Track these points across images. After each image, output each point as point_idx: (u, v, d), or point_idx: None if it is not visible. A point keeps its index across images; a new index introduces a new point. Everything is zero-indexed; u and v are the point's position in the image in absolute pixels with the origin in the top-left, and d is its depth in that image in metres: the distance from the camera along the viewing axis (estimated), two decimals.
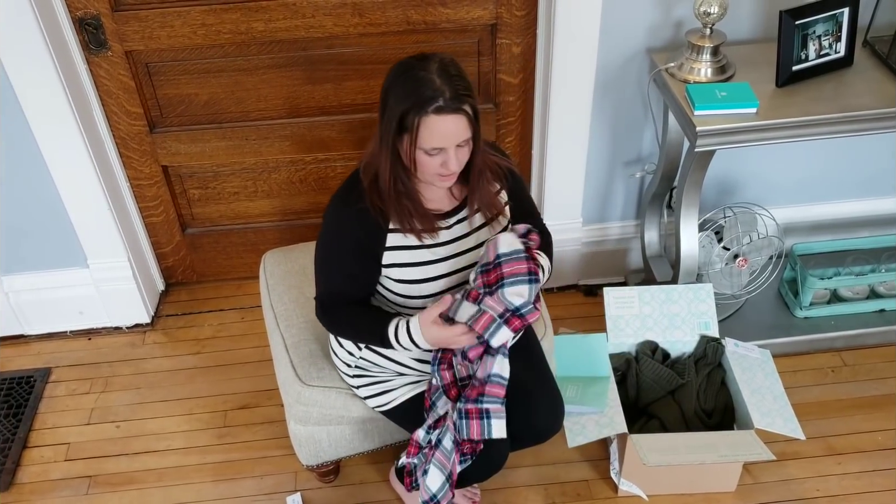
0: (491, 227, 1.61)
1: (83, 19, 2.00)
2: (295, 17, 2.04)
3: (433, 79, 1.38)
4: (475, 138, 1.47)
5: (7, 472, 2.07)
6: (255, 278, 2.21)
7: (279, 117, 2.24)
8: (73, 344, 2.43)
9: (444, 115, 1.38)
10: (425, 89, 1.38)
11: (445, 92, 1.38)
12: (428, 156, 1.43)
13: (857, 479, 2.00)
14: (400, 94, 1.40)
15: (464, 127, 1.41)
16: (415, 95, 1.38)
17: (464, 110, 1.40)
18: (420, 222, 1.53)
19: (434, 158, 1.44)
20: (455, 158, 1.43)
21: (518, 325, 1.47)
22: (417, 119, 1.39)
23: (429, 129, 1.39)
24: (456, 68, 1.42)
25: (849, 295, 2.34)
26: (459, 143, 1.43)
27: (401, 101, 1.40)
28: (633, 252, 2.51)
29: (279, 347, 1.87)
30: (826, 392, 2.21)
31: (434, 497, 1.61)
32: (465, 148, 1.46)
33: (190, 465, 2.09)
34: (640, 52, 2.09)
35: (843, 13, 1.91)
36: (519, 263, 1.48)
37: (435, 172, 1.46)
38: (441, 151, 1.43)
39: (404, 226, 1.53)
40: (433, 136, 1.40)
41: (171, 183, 2.36)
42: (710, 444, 1.84)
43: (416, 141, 1.41)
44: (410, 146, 1.43)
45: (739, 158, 2.31)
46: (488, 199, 1.58)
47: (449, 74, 1.40)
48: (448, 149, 1.42)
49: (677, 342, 2.03)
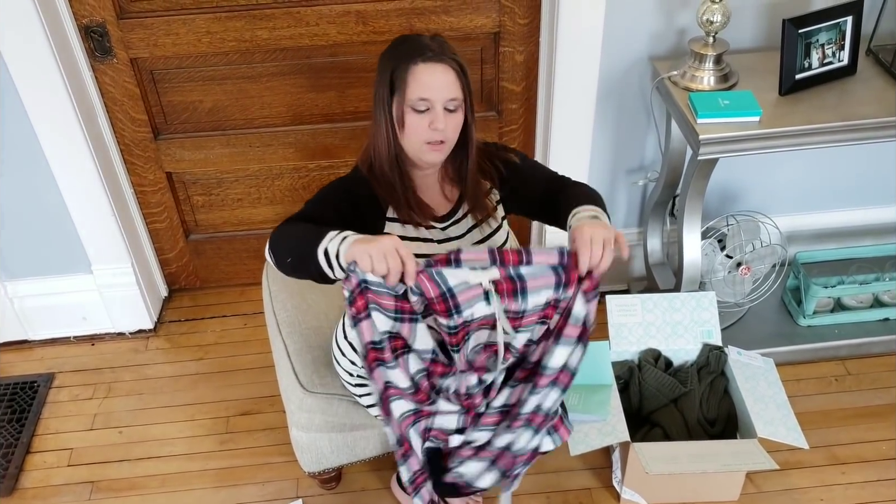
0: (480, 229, 1.61)
1: (89, 27, 2.02)
2: (299, 25, 2.05)
3: (422, 39, 1.44)
4: (468, 115, 1.47)
5: (10, 476, 2.07)
6: (258, 285, 2.22)
7: (283, 124, 2.25)
8: (76, 349, 2.44)
9: (431, 63, 1.41)
10: (414, 45, 1.43)
11: (434, 46, 1.43)
12: (416, 114, 1.43)
13: (861, 488, 1.99)
14: (390, 56, 1.45)
15: (451, 80, 1.42)
16: (403, 51, 1.43)
17: (452, 62, 1.42)
18: (415, 207, 1.53)
19: (422, 118, 1.43)
20: (442, 117, 1.43)
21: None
22: (406, 71, 1.42)
23: (416, 79, 1.41)
24: (445, 40, 1.47)
25: (852, 304, 2.33)
26: (447, 101, 1.43)
27: (391, 61, 1.44)
28: (636, 260, 2.50)
29: (281, 354, 1.88)
30: (829, 401, 2.20)
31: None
32: (456, 115, 1.45)
33: (192, 471, 2.09)
34: (642, 60, 2.09)
35: (847, 22, 1.91)
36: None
37: (424, 137, 1.45)
38: (428, 111, 1.43)
39: (401, 213, 1.53)
40: (420, 86, 1.41)
41: (174, 189, 2.36)
42: (713, 452, 1.83)
43: (406, 95, 1.43)
44: (400, 105, 1.44)
45: (742, 167, 2.31)
46: (480, 197, 1.57)
47: (440, 40, 1.45)
48: (435, 104, 1.42)
49: (680, 350, 2.03)
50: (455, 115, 1.45)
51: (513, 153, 1.62)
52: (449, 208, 1.59)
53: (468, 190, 1.56)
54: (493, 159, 1.60)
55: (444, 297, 1.34)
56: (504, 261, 1.33)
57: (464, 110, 1.47)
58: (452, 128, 1.46)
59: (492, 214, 1.60)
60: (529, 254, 1.34)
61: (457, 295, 1.34)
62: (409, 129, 1.46)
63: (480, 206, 1.58)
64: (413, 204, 1.53)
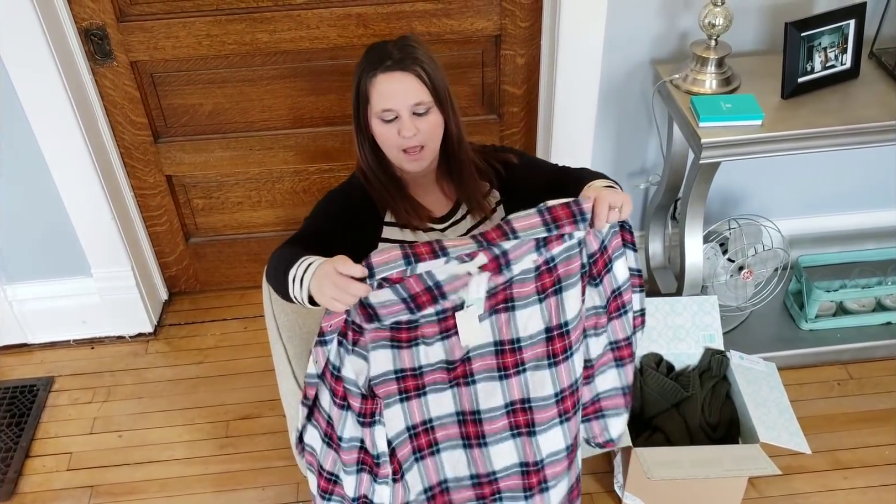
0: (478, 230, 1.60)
1: (89, 30, 2.01)
2: (299, 28, 2.05)
3: (386, 47, 1.43)
4: (444, 115, 1.46)
5: (9, 481, 2.07)
6: (258, 288, 2.21)
7: (283, 128, 2.25)
8: (75, 353, 2.43)
9: (390, 72, 1.40)
10: (376, 55, 1.42)
11: (394, 54, 1.41)
12: (383, 124, 1.43)
13: (864, 493, 1.98)
14: (359, 67, 1.45)
15: (413, 87, 1.40)
16: (367, 63, 1.42)
17: (413, 69, 1.40)
18: (411, 210, 1.52)
19: (390, 127, 1.43)
20: (410, 123, 1.41)
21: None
22: (369, 83, 1.41)
23: (377, 90, 1.41)
24: (415, 41, 1.45)
25: (855, 307, 2.32)
26: (413, 106, 1.41)
27: (358, 73, 1.44)
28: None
29: (281, 358, 1.87)
30: (832, 405, 2.19)
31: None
32: (427, 118, 1.43)
33: (192, 476, 2.08)
34: (644, 63, 2.09)
35: (849, 25, 1.90)
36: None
37: (396, 145, 1.44)
38: (396, 120, 1.42)
39: (398, 217, 1.53)
40: (381, 97, 1.41)
41: (174, 192, 2.36)
42: (715, 457, 1.82)
43: (371, 107, 1.42)
44: (368, 116, 1.44)
45: (744, 170, 2.30)
46: (478, 198, 1.56)
47: (403, 43, 1.43)
48: (401, 112, 1.41)
49: (682, 354, 2.02)
50: (426, 117, 1.44)
51: (511, 153, 1.62)
52: (449, 207, 1.59)
53: (464, 188, 1.55)
54: (492, 161, 1.59)
55: (430, 289, 1.29)
56: (489, 240, 1.27)
57: (439, 110, 1.45)
58: (427, 130, 1.44)
59: (489, 216, 1.59)
60: (510, 223, 1.28)
61: (443, 286, 1.29)
62: (380, 138, 1.46)
63: (479, 206, 1.57)
64: (409, 207, 1.53)
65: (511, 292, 1.34)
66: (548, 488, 1.49)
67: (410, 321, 1.31)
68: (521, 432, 1.44)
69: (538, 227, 1.28)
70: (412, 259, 1.23)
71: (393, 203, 1.52)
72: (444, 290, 1.29)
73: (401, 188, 1.54)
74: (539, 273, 1.33)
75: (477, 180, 1.57)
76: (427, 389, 1.38)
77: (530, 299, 1.35)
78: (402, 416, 1.40)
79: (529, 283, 1.34)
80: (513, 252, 1.29)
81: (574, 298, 1.37)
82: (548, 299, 1.36)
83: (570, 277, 1.35)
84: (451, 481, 1.48)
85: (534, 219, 1.28)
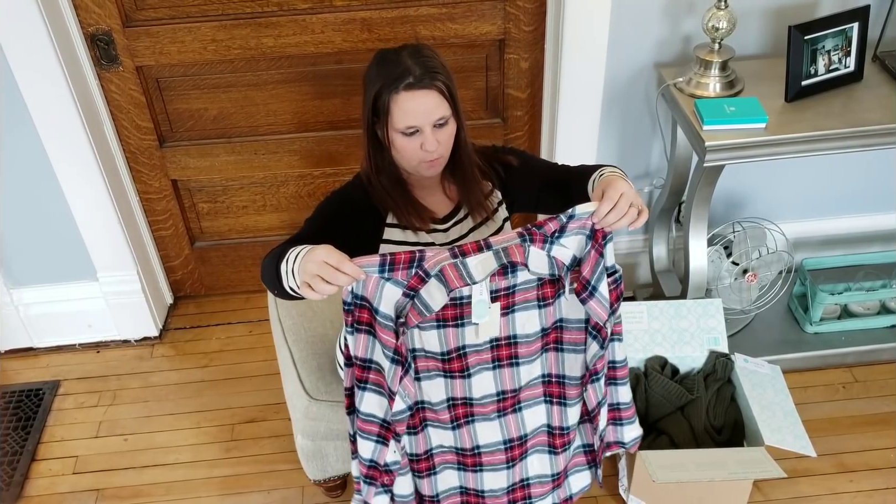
0: (480, 231, 1.60)
1: (95, 35, 2.02)
2: (304, 32, 2.06)
3: (403, 59, 1.40)
4: (458, 122, 1.46)
5: (16, 484, 2.07)
6: (263, 292, 2.22)
7: (288, 132, 2.25)
8: (81, 357, 2.44)
9: (414, 91, 1.38)
10: (395, 68, 1.40)
11: (415, 69, 1.39)
12: (405, 137, 1.42)
13: (870, 496, 1.98)
14: (372, 77, 1.43)
15: (436, 103, 1.40)
16: (385, 76, 1.40)
17: (435, 86, 1.39)
18: (413, 212, 1.52)
19: (412, 140, 1.43)
20: (432, 138, 1.42)
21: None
22: (388, 98, 1.39)
23: (400, 108, 1.39)
24: (429, 51, 1.43)
25: (859, 310, 2.32)
26: (435, 121, 1.42)
27: (373, 84, 1.42)
28: (642, 267, 2.50)
29: (286, 361, 1.87)
30: (837, 408, 2.19)
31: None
32: (446, 129, 1.44)
33: (197, 479, 2.08)
34: (648, 66, 2.09)
35: (853, 28, 1.91)
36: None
37: (417, 157, 1.45)
38: (417, 133, 1.42)
39: (400, 219, 1.53)
40: (406, 115, 1.40)
41: (180, 197, 2.37)
42: (720, 461, 1.82)
43: (391, 122, 1.41)
44: (386, 129, 1.43)
45: (748, 173, 2.30)
46: (479, 198, 1.57)
47: (419, 55, 1.41)
48: (423, 128, 1.41)
49: (686, 357, 2.02)
50: (446, 128, 1.45)
51: (512, 153, 1.62)
52: (451, 207, 1.59)
53: (467, 189, 1.55)
54: (493, 161, 1.60)
55: (463, 277, 1.29)
56: (533, 239, 1.29)
57: (455, 119, 1.46)
58: (444, 140, 1.45)
59: (491, 217, 1.60)
60: (563, 223, 1.31)
61: (473, 274, 1.30)
62: (401, 151, 1.45)
63: (480, 206, 1.58)
64: (411, 209, 1.53)
65: (514, 299, 1.37)
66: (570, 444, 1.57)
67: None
68: (552, 401, 1.51)
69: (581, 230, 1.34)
70: (457, 254, 1.28)
71: (396, 205, 1.52)
72: (473, 275, 1.31)
73: (405, 190, 1.54)
74: (541, 283, 1.37)
75: (480, 181, 1.57)
76: (420, 375, 1.41)
77: (531, 303, 1.39)
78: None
79: (532, 290, 1.37)
80: (498, 239, 1.30)
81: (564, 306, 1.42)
82: (547, 307, 1.41)
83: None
84: (483, 447, 1.52)
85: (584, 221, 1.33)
